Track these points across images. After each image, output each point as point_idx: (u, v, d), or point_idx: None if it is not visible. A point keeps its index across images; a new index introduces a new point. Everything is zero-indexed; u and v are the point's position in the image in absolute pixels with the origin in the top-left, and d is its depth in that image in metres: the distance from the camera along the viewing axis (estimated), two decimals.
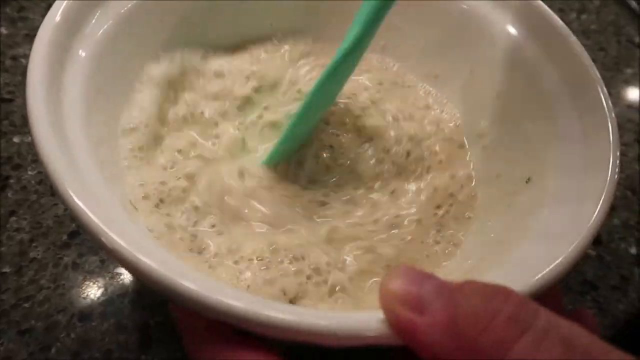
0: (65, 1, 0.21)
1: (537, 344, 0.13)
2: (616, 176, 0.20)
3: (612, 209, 0.35)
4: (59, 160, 0.17)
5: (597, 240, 0.34)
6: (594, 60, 0.43)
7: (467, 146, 0.27)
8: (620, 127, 0.40)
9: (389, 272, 0.15)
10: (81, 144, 0.19)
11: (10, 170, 0.30)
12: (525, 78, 0.25)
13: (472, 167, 0.26)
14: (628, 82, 0.43)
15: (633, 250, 0.34)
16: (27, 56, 0.34)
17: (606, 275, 0.32)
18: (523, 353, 0.12)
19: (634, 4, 0.49)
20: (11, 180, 0.29)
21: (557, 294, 0.19)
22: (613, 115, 0.22)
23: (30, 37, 0.36)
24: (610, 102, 0.23)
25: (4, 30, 0.36)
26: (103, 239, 0.16)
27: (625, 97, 0.42)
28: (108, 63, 0.22)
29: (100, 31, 0.22)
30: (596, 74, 0.23)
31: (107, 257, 0.27)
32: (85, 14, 0.22)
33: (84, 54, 0.21)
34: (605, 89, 0.23)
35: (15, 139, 0.31)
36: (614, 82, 0.43)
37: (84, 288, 0.26)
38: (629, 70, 0.44)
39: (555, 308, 0.15)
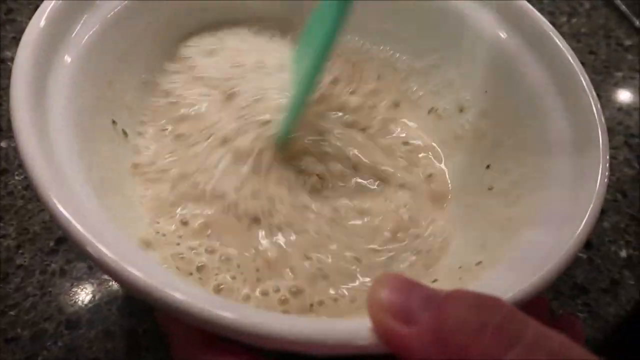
0: (51, 4, 0.21)
1: (526, 357, 0.12)
2: (606, 180, 0.20)
3: (602, 212, 0.36)
4: (43, 168, 0.17)
5: (588, 244, 0.34)
6: (583, 64, 0.44)
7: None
8: (610, 130, 0.40)
9: (377, 280, 0.15)
10: (66, 151, 0.19)
11: None
12: (516, 85, 0.25)
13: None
14: (618, 85, 0.43)
15: (623, 254, 0.34)
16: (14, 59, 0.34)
17: (597, 279, 0.32)
18: None
19: (623, 8, 0.49)
20: None
21: (543, 300, 0.19)
22: (603, 120, 0.22)
23: (18, 40, 0.35)
24: (599, 106, 0.23)
25: None
26: (88, 248, 0.16)
27: (615, 100, 0.42)
28: (94, 68, 0.22)
29: (86, 36, 0.22)
30: (586, 79, 0.23)
31: (94, 264, 0.27)
32: (71, 18, 0.21)
33: (69, 59, 0.21)
34: (595, 93, 0.23)
35: (2, 144, 0.31)
36: (604, 85, 0.43)
37: (71, 295, 0.26)
38: (618, 74, 0.44)
39: (541, 314, 0.15)
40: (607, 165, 0.21)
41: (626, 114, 0.42)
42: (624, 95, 0.43)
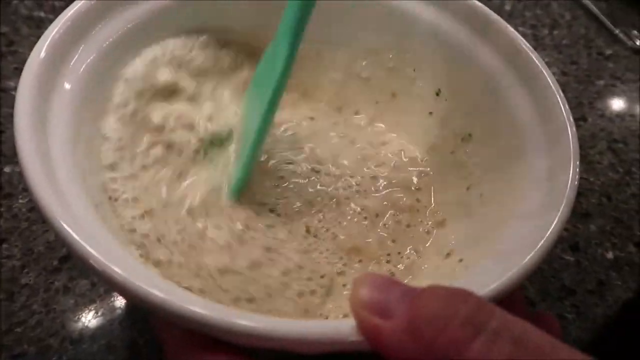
0: (50, 36, 0.22)
1: (491, 344, 0.13)
2: (576, 182, 0.21)
3: (589, 216, 0.37)
4: (47, 190, 0.18)
5: (575, 247, 0.35)
6: (566, 74, 0.45)
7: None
8: (594, 137, 0.41)
9: (358, 279, 0.16)
10: (67, 173, 0.20)
11: (2, 199, 0.31)
12: (491, 95, 0.26)
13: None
14: (600, 93, 0.45)
15: (609, 255, 0.35)
16: (17, 89, 0.36)
17: (584, 280, 0.33)
18: (478, 353, 0.13)
19: (602, 18, 0.51)
20: (2, 209, 0.30)
21: (518, 298, 0.20)
22: (574, 129, 0.23)
23: (20, 70, 0.37)
24: (572, 117, 0.24)
25: None
26: (92, 261, 0.17)
27: (597, 107, 0.44)
28: (91, 94, 0.23)
29: (84, 65, 0.23)
30: (558, 90, 0.24)
31: (97, 280, 0.28)
32: (69, 48, 0.23)
33: (68, 87, 0.22)
34: (567, 105, 0.24)
35: (7, 169, 0.32)
36: (586, 93, 0.44)
37: (75, 311, 0.27)
38: (600, 82, 0.46)
39: (518, 311, 0.16)
40: (577, 169, 0.22)
41: (609, 120, 0.43)
42: (606, 103, 0.44)
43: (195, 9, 0.27)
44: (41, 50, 0.22)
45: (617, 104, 0.44)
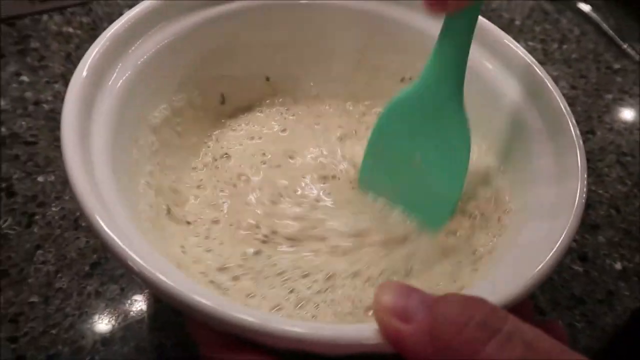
0: (92, 55, 0.24)
1: (503, 346, 0.15)
2: (584, 195, 0.22)
3: (597, 227, 0.38)
4: (92, 200, 0.19)
5: (584, 257, 0.36)
6: (575, 87, 0.46)
7: None
8: (603, 150, 0.42)
9: (381, 287, 0.18)
10: (108, 184, 0.21)
11: (36, 207, 0.32)
12: (499, 110, 0.28)
13: None
14: (608, 107, 0.46)
15: (618, 266, 0.36)
16: (48, 102, 0.38)
17: (593, 290, 0.34)
18: (491, 354, 0.15)
19: (611, 33, 0.52)
20: (37, 217, 0.32)
21: (527, 306, 0.21)
22: (581, 142, 0.24)
23: (51, 83, 0.39)
24: (578, 130, 0.25)
25: (26, 79, 0.39)
26: (130, 262, 0.18)
27: (606, 120, 0.45)
28: (127, 109, 0.25)
29: (120, 82, 0.25)
30: (566, 107, 0.26)
31: (127, 285, 0.30)
32: (107, 67, 0.25)
33: (107, 102, 0.24)
34: (574, 120, 0.25)
35: (40, 179, 0.34)
36: (595, 107, 0.46)
37: (106, 314, 0.29)
38: (608, 96, 0.47)
39: (527, 318, 0.17)
40: (585, 187, 0.22)
41: (617, 133, 0.44)
42: (615, 116, 0.45)
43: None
44: (83, 70, 0.23)
45: (626, 117, 0.45)
